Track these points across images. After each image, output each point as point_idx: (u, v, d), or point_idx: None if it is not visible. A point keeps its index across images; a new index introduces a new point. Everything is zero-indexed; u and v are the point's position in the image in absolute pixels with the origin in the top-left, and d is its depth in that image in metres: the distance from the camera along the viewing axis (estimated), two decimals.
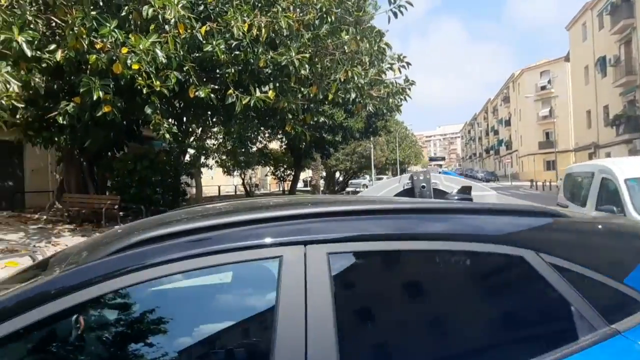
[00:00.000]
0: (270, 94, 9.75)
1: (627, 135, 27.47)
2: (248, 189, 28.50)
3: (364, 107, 13.09)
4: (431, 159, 52.82)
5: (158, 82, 8.18)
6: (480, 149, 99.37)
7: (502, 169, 71.48)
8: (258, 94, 9.35)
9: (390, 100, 13.39)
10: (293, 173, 27.19)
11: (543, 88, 55.39)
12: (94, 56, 8.08)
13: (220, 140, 15.38)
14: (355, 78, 10.69)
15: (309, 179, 36.88)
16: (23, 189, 16.50)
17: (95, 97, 8.08)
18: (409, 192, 4.52)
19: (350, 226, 1.45)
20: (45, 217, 13.07)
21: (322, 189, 35.39)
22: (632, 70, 27.67)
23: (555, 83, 53.53)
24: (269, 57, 9.89)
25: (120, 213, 12.56)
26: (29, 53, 7.07)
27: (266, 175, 31.36)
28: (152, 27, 8.88)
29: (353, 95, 11.69)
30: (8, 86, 6.86)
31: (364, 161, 35.21)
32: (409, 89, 13.61)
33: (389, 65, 11.95)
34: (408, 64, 12.02)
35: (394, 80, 13.37)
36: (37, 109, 12.01)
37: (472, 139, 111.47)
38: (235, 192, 30.67)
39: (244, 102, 9.39)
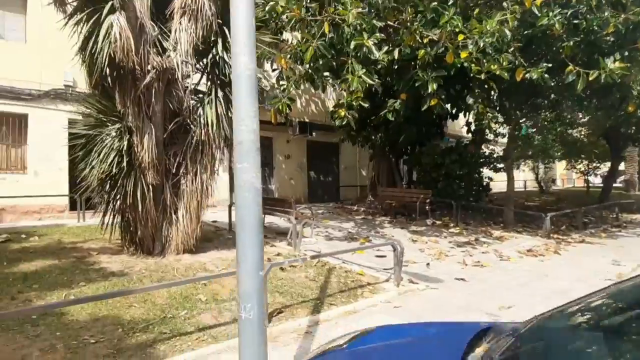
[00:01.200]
0: (617, 65, 7.85)
1: None
2: (543, 185, 25.48)
3: None
4: None
5: (495, 66, 7.55)
6: None
7: None
8: (610, 65, 7.63)
9: None
10: (602, 165, 22.73)
11: None
12: (422, 51, 8.08)
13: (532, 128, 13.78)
14: None
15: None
16: (338, 183, 18.96)
17: (429, 90, 8.09)
18: None
19: None
20: (362, 209, 14.45)
21: (638, 185, 28.55)
22: None
23: None
24: (619, 20, 8.05)
25: (427, 207, 12.67)
26: (376, 55, 7.52)
27: (565, 168, 27.35)
28: (476, 11, 8.39)
29: None
30: (362, 86, 7.46)
31: None
32: None
33: None
34: None
35: None
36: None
37: None
38: (525, 187, 27.93)
39: (591, 78, 7.83)
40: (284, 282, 6.03)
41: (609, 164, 23.52)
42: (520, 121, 11.02)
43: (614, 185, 30.48)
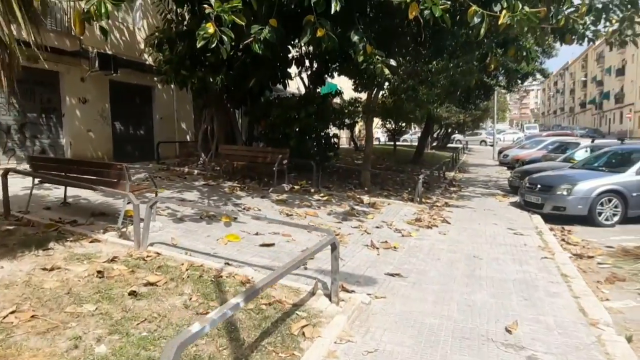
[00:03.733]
0: (528, 10, 7.03)
1: None
2: (357, 142, 26.28)
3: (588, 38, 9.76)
4: None
5: None
6: (572, 103, 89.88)
7: (605, 126, 64.03)
8: (527, 8, 6.69)
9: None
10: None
11: None
12: None
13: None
14: None
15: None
16: (154, 138, 15.19)
17: (332, 10, 5.89)
18: None
19: None
20: (196, 171, 11.53)
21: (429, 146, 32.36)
22: None
23: None
24: None
25: (281, 169, 10.62)
26: None
27: (376, 127, 28.77)
28: None
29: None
30: None
31: (480, 114, 31.55)
32: None
33: None
34: None
35: None
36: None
37: (559, 91, 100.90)
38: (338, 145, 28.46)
39: (500, 22, 6.78)
40: (154, 323, 3.21)
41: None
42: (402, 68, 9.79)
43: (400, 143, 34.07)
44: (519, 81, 17.77)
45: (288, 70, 12.81)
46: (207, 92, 11.74)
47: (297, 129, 11.42)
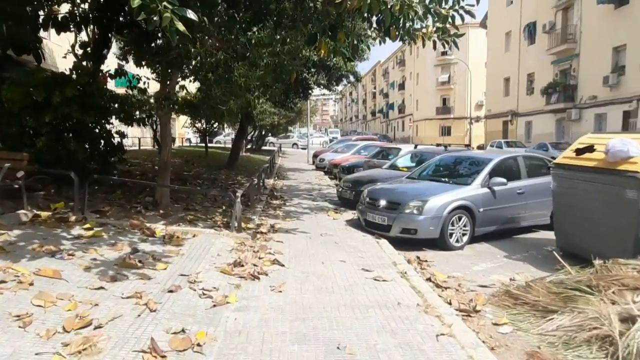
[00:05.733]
0: None
1: (562, 104, 27.56)
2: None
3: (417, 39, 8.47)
4: None
5: None
6: (364, 112, 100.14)
7: (391, 132, 72.67)
8: None
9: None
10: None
11: (444, 54, 55.67)
12: None
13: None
14: None
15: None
16: None
17: None
18: None
19: None
20: None
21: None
22: (572, 38, 27.47)
23: (454, 50, 54.35)
24: None
25: (19, 185, 6.63)
26: None
27: (184, 126, 24.79)
28: None
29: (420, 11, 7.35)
30: None
31: (294, 116, 30.59)
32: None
33: None
34: None
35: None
36: None
37: (353, 100, 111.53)
38: (140, 145, 23.60)
39: None
40: None
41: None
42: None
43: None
44: (335, 83, 16.80)
45: (40, 35, 8.62)
46: None
47: (50, 121, 7.45)
